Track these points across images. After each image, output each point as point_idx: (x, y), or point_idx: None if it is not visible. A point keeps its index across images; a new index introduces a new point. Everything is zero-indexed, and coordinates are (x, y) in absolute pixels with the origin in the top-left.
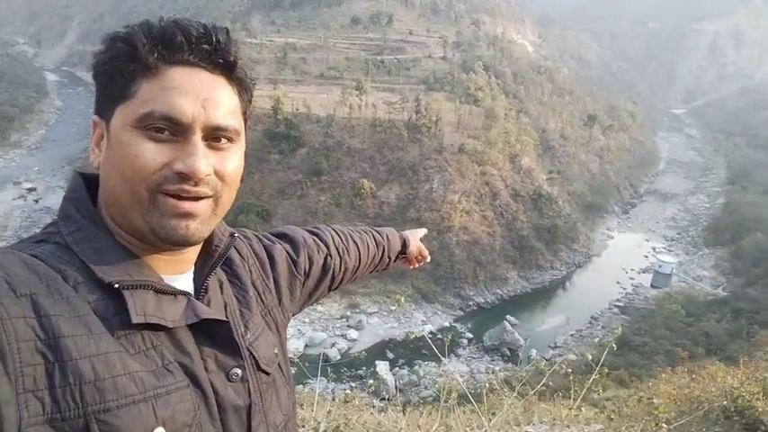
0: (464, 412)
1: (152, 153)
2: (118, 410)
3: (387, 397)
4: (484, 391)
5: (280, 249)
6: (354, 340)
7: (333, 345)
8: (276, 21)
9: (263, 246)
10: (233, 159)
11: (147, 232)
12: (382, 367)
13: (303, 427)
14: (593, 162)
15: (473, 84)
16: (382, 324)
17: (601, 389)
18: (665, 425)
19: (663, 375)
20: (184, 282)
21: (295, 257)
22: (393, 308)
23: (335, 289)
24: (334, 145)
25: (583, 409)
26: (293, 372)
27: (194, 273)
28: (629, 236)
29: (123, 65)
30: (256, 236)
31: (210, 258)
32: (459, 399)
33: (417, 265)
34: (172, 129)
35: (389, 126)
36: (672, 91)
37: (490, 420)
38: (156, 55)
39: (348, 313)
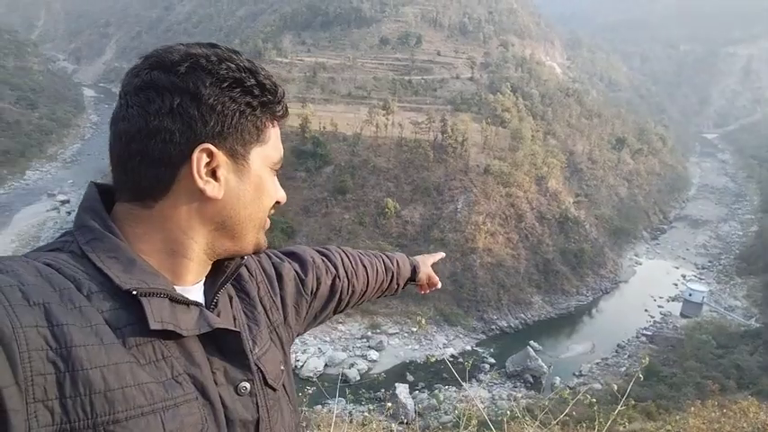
0: None
1: (277, 189)
2: (127, 422)
3: (405, 421)
4: (504, 419)
5: (288, 268)
6: (374, 361)
7: (353, 365)
8: (307, 41)
9: (272, 263)
10: None
11: (250, 247)
12: (402, 390)
13: None
14: (621, 186)
15: (500, 105)
16: (403, 346)
17: (627, 421)
18: None
19: (692, 409)
20: (196, 293)
21: (303, 276)
22: (414, 329)
23: (341, 311)
24: (360, 163)
25: None
26: (309, 392)
27: (205, 286)
28: (657, 262)
29: (258, 110)
30: (266, 253)
31: (221, 273)
32: (479, 426)
33: (428, 291)
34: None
35: (415, 146)
36: (704, 115)
37: None
38: (281, 111)
39: (369, 333)
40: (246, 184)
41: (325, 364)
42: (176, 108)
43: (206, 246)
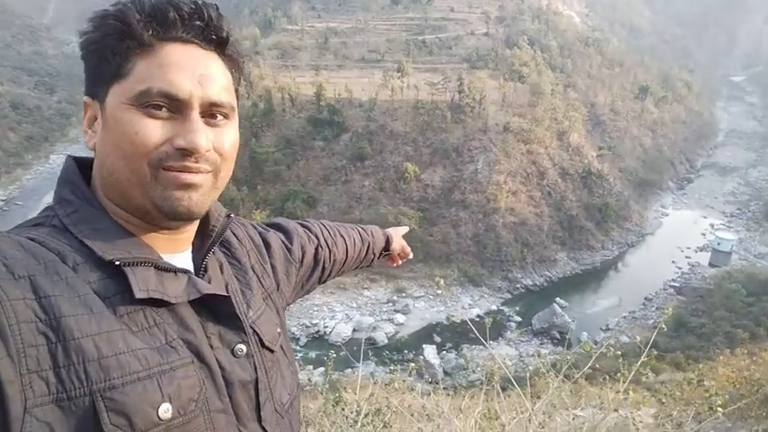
0: (509, 396)
1: (152, 129)
2: (123, 387)
3: (433, 380)
4: (527, 375)
5: (274, 237)
6: (401, 324)
7: (378, 329)
8: (316, 6)
9: (258, 233)
10: (229, 135)
11: (149, 208)
12: (429, 351)
13: (344, 410)
14: (645, 136)
15: (518, 59)
16: (428, 308)
17: (652, 372)
18: (720, 409)
19: (721, 358)
20: (183, 260)
21: (289, 245)
22: (439, 292)
23: (324, 281)
24: (377, 129)
25: (631, 392)
26: (334, 355)
27: (193, 253)
28: (685, 213)
29: (116, 43)
30: (251, 224)
31: (208, 238)
32: (505, 382)
33: (400, 263)
34: (170, 105)
35: (432, 107)
36: (731, 57)
37: (535, 404)
38: (150, 32)
39: (394, 297)
40: (106, 129)
41: (353, 329)
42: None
43: (119, 205)
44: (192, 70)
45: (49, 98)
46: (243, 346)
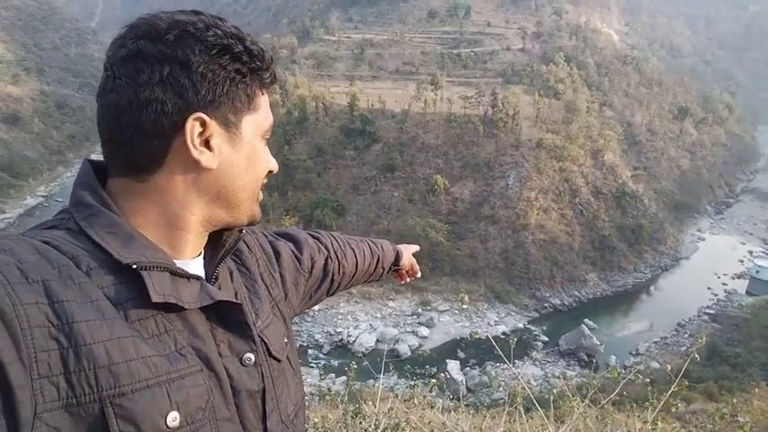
0: (531, 418)
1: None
2: (132, 394)
3: (455, 396)
4: (551, 398)
5: (284, 246)
6: (425, 337)
7: (401, 341)
8: (354, 17)
9: (269, 241)
10: None
11: (244, 219)
12: (453, 366)
13: (362, 422)
14: (683, 158)
15: (553, 76)
16: (453, 323)
17: (683, 401)
18: None
19: (756, 390)
20: (196, 267)
21: (299, 255)
22: (465, 306)
23: (333, 293)
24: (409, 141)
25: (659, 423)
26: (355, 366)
27: (204, 261)
28: (722, 238)
29: (250, 80)
30: (261, 233)
31: (220, 246)
32: (529, 403)
33: (408, 280)
34: None
35: (464, 121)
36: None
37: (558, 429)
38: (270, 78)
39: (419, 310)
40: (239, 153)
41: (377, 340)
42: (167, 77)
43: (202, 217)
44: None
45: (92, 99)
46: (251, 355)
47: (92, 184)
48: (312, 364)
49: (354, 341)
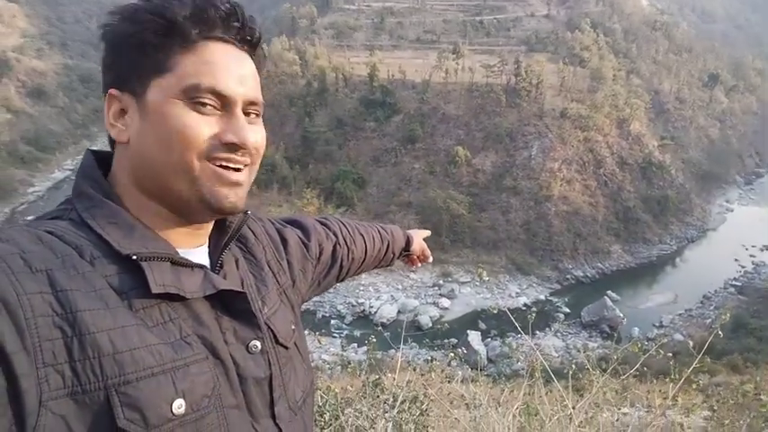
0: (550, 391)
1: (201, 124)
2: (137, 382)
3: (476, 367)
4: (569, 372)
5: (291, 233)
6: (446, 309)
7: (422, 312)
8: None
9: (276, 228)
10: (261, 131)
11: (194, 201)
12: (474, 337)
13: (378, 397)
14: (712, 127)
15: (579, 43)
16: (474, 294)
17: (707, 373)
18: None
19: None
20: (200, 256)
21: (306, 241)
22: (487, 278)
23: (342, 280)
24: (430, 111)
25: (679, 399)
26: (374, 338)
27: (209, 249)
28: (751, 209)
29: (158, 38)
30: (269, 219)
31: (225, 234)
32: (549, 375)
33: (419, 265)
34: (215, 103)
35: (487, 90)
36: None
37: (578, 401)
38: (197, 30)
39: (440, 282)
40: (147, 122)
41: (398, 311)
42: (102, 63)
43: (152, 198)
44: (235, 69)
45: None
46: (257, 343)
47: (93, 175)
48: (335, 334)
49: (376, 312)
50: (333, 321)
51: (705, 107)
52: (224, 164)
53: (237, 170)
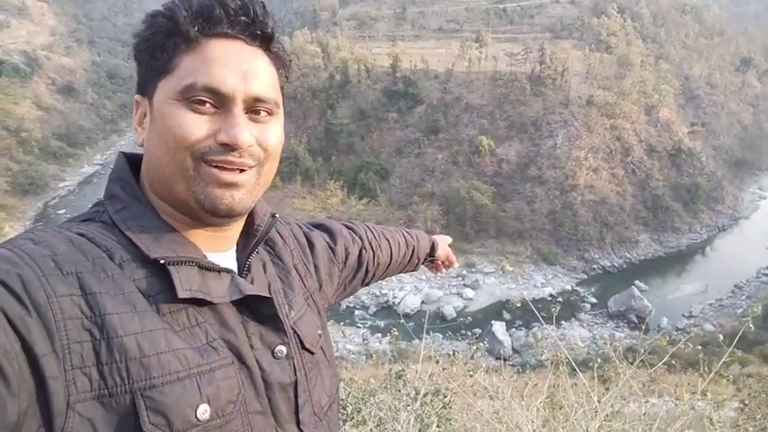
0: (575, 384)
1: (195, 123)
2: (163, 387)
3: (501, 357)
4: (593, 365)
5: (318, 236)
6: (470, 299)
7: (446, 302)
8: None
9: (303, 232)
10: (274, 130)
11: (192, 203)
12: (498, 327)
13: (400, 391)
14: (745, 112)
15: (605, 29)
16: (499, 284)
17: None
18: None
19: None
20: (227, 259)
21: (333, 245)
22: (511, 269)
23: (368, 284)
24: (452, 101)
25: (709, 393)
26: (407, 325)
27: (237, 252)
28: None
29: (164, 39)
30: (296, 223)
31: (252, 238)
32: (575, 365)
33: (444, 271)
34: (214, 100)
35: (511, 79)
36: None
37: (603, 394)
38: (196, 28)
39: (464, 272)
40: (152, 123)
41: (422, 301)
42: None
43: (166, 201)
44: (237, 65)
45: None
46: (283, 348)
47: (125, 177)
48: (359, 325)
49: (399, 302)
50: (357, 312)
51: (737, 92)
52: (220, 165)
53: (236, 170)
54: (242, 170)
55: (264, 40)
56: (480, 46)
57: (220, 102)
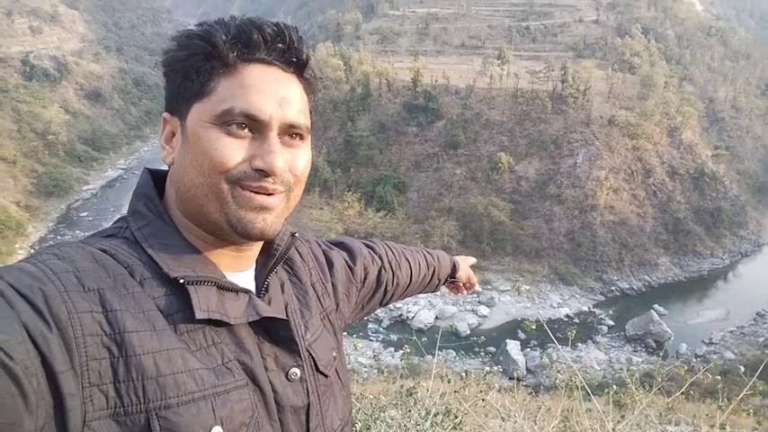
0: (589, 409)
1: (232, 148)
2: (178, 408)
3: (514, 377)
4: (609, 390)
5: (338, 256)
6: (485, 317)
7: (460, 319)
8: None
9: (322, 250)
10: (304, 156)
11: (223, 225)
12: (513, 346)
13: (410, 411)
14: None
15: (629, 49)
16: (514, 303)
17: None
18: None
19: None
20: (246, 279)
21: (352, 265)
22: (527, 288)
23: (386, 304)
24: (473, 117)
25: (727, 426)
26: (420, 341)
27: (256, 271)
28: None
29: (201, 62)
30: (316, 241)
31: (272, 257)
32: (591, 388)
33: (465, 293)
34: (250, 126)
35: (532, 97)
36: None
37: (618, 422)
38: (235, 53)
39: (480, 289)
40: (186, 144)
41: (436, 317)
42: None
43: (191, 221)
44: (273, 92)
45: None
46: (297, 370)
47: (149, 194)
48: (372, 338)
49: (413, 317)
50: (370, 325)
51: (763, 116)
52: (255, 190)
53: (268, 194)
54: (272, 194)
55: (299, 66)
56: (502, 63)
57: (256, 127)
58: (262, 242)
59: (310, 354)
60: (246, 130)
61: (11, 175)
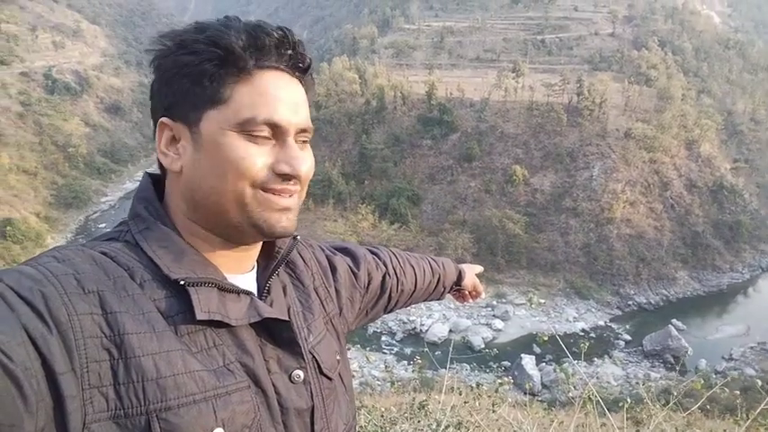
0: (604, 424)
1: (256, 156)
2: (179, 409)
3: (529, 392)
4: (624, 405)
5: (341, 260)
6: (499, 330)
7: (474, 332)
8: (434, 5)
9: (326, 255)
10: (310, 158)
11: (245, 227)
12: (527, 361)
13: (420, 422)
14: None
15: (645, 61)
16: (529, 317)
17: None
18: None
19: None
20: (248, 281)
21: (356, 270)
22: (542, 301)
23: (390, 311)
24: (487, 130)
25: None
26: (433, 354)
27: (257, 273)
28: None
29: (214, 68)
30: (319, 245)
31: (273, 260)
32: (607, 404)
33: (471, 301)
34: (269, 132)
35: (547, 109)
36: None
37: None
38: (253, 60)
39: (494, 302)
40: (201, 152)
41: (450, 330)
42: (152, 89)
43: (201, 225)
44: (289, 98)
45: None
46: (300, 372)
47: (149, 197)
48: (384, 350)
49: (427, 330)
50: (383, 337)
51: None
52: (277, 192)
53: (287, 196)
54: (292, 195)
55: (303, 71)
56: (517, 76)
57: (276, 133)
58: (262, 242)
59: (314, 356)
60: (265, 137)
61: (32, 186)
